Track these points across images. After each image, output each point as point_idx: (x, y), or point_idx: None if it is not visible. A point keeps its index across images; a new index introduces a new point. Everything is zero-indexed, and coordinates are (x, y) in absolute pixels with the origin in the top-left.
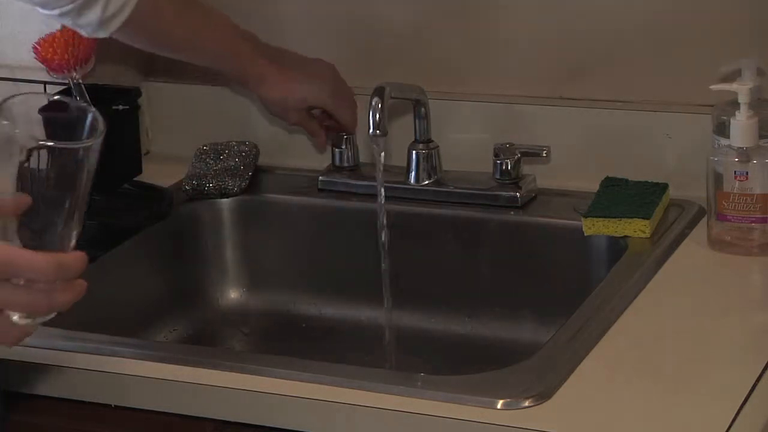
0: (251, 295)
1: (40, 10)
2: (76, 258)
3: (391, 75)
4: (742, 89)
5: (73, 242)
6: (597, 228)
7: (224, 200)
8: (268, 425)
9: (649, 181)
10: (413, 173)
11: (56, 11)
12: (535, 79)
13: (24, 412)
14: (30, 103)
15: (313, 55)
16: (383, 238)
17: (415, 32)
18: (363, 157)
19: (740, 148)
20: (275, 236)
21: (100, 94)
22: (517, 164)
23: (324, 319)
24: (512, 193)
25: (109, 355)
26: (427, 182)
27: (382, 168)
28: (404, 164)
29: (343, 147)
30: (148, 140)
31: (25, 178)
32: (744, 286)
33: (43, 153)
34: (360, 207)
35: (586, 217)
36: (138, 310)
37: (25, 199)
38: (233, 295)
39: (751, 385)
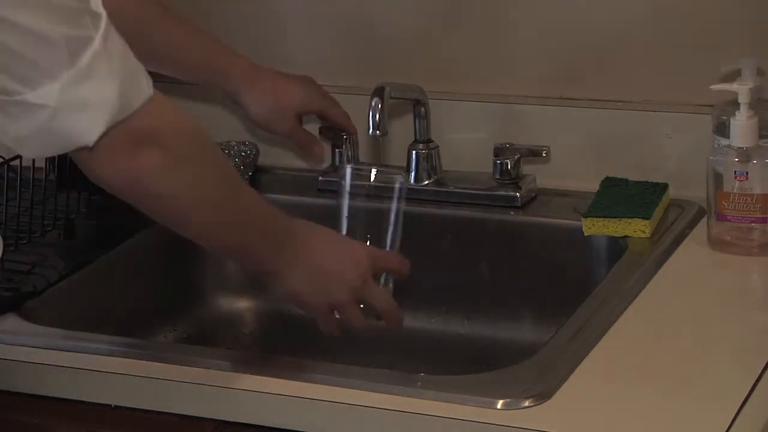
0: (251, 295)
1: None
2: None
3: (391, 75)
4: (742, 89)
5: None
6: (597, 228)
7: None
8: (268, 425)
9: (649, 181)
10: (413, 173)
11: None
12: (535, 79)
13: (24, 412)
14: None
15: (313, 55)
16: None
17: (415, 32)
18: (363, 157)
19: (740, 148)
20: None
21: None
22: (517, 164)
23: None
24: (512, 193)
25: (109, 355)
26: (427, 182)
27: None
28: (404, 164)
29: (343, 147)
30: None
31: None
32: (744, 286)
33: None
34: (360, 207)
35: (586, 217)
36: (138, 310)
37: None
38: (233, 295)
39: (751, 385)
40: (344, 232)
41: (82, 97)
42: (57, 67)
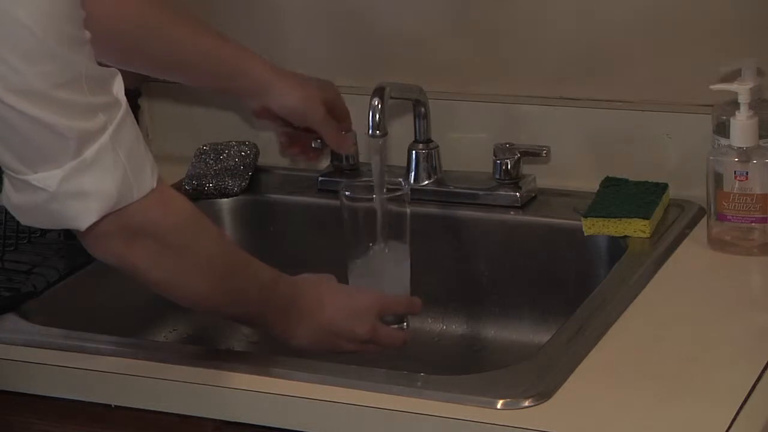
0: None
1: None
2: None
3: (391, 75)
4: (742, 89)
5: None
6: (597, 228)
7: (224, 200)
8: (268, 425)
9: (649, 181)
10: (413, 173)
11: None
12: (535, 79)
13: (24, 412)
14: None
15: (312, 54)
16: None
17: (415, 32)
18: (363, 157)
19: (740, 148)
20: (275, 236)
21: None
22: (517, 164)
23: None
24: (512, 193)
25: (109, 355)
26: (427, 182)
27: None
28: (404, 164)
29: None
30: (148, 140)
31: None
32: (744, 286)
33: None
34: (359, 207)
35: (586, 217)
36: (138, 310)
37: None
38: None
39: (751, 385)
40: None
41: (82, 187)
42: (62, 157)
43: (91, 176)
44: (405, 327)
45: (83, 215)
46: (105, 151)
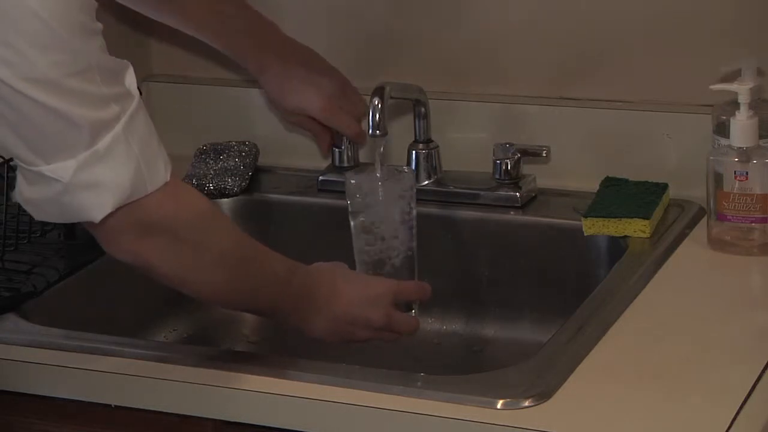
0: None
1: None
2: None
3: (391, 75)
4: (742, 89)
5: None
6: (597, 228)
7: (224, 200)
8: (268, 425)
9: (649, 181)
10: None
11: None
12: (535, 79)
13: (24, 412)
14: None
15: None
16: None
17: (415, 32)
18: (363, 157)
19: (740, 148)
20: (275, 236)
21: None
22: (517, 164)
23: None
24: (512, 193)
25: (109, 355)
26: (427, 182)
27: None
28: (404, 164)
29: (343, 147)
30: None
31: None
32: (744, 286)
33: None
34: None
35: (586, 217)
36: (138, 310)
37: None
38: None
39: (751, 385)
40: (356, 251)
41: (95, 178)
42: (76, 147)
43: (104, 167)
44: (413, 314)
45: (97, 207)
46: (118, 141)
